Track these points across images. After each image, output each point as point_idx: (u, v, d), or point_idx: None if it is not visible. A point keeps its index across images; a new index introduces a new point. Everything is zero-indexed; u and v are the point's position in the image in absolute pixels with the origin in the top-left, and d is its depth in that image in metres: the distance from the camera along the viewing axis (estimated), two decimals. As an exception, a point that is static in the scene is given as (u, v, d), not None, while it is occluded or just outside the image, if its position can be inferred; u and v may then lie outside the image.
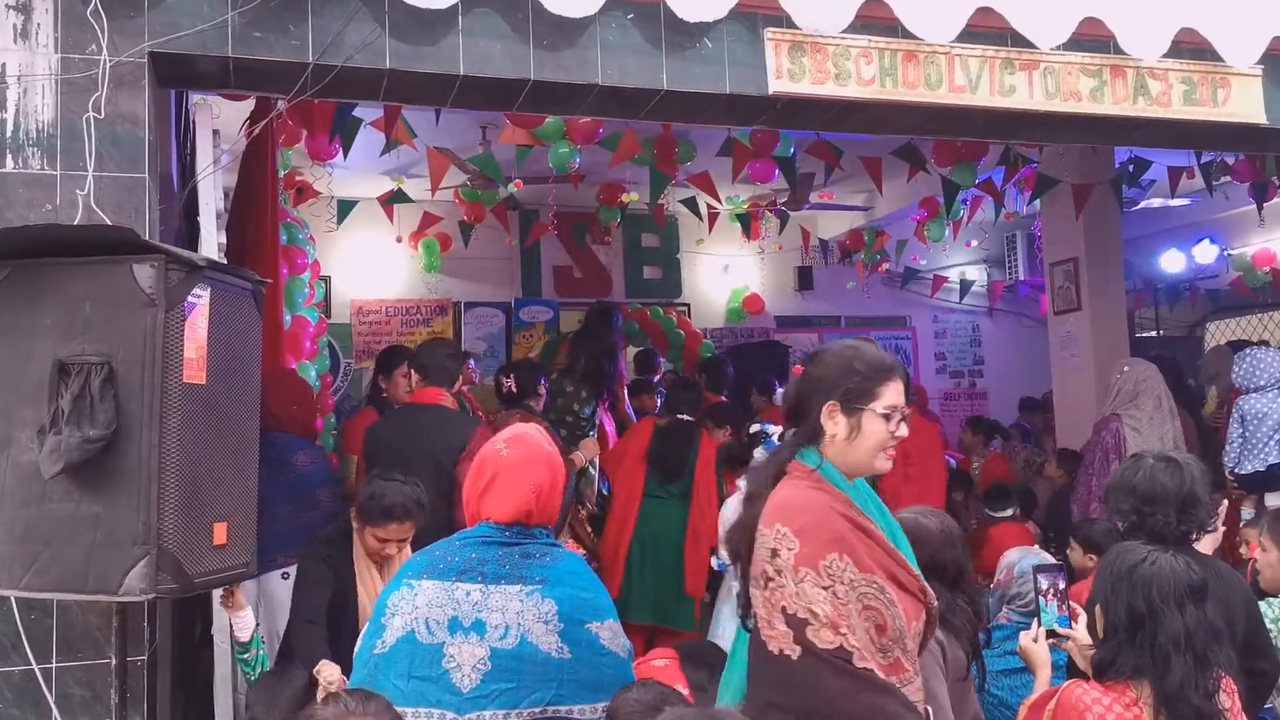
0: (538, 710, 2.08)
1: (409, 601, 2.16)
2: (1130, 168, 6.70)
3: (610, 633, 2.21)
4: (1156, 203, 8.21)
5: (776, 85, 3.36)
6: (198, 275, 2.35)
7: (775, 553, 1.93)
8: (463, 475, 3.58)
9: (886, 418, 2.01)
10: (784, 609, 1.90)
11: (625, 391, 6.93)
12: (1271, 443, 4.63)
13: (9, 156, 2.71)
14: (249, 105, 3.97)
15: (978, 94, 3.52)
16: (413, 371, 4.12)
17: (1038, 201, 7.13)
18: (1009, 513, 5.24)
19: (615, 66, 3.27)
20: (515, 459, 2.28)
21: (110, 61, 2.78)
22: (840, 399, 2.03)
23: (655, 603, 5.03)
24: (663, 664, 3.19)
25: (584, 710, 2.13)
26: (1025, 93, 3.57)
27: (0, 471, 2.30)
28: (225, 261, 3.12)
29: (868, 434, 2.02)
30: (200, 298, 2.36)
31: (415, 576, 2.20)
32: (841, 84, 3.39)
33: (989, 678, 2.80)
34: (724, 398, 6.64)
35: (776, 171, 6.33)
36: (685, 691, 2.36)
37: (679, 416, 5.36)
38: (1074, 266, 6.75)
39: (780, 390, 8.15)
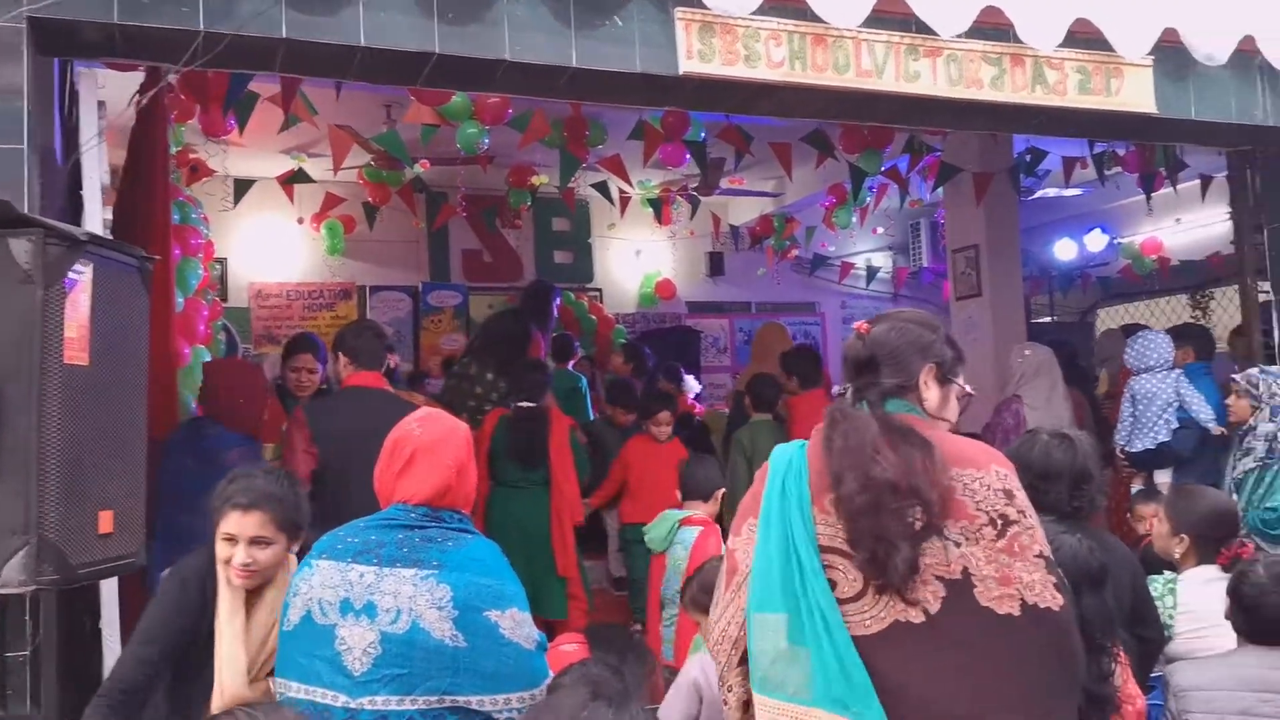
0: (434, 699, 1.99)
1: (306, 582, 2.11)
2: (1028, 157, 6.90)
3: (512, 622, 2.12)
4: (1051, 192, 8.49)
5: (687, 65, 3.34)
6: (79, 250, 2.23)
7: (1009, 493, 1.72)
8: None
9: (957, 399, 1.94)
10: (1040, 553, 1.68)
11: None
12: (1160, 421, 4.82)
13: None
14: (138, 77, 3.80)
15: (884, 79, 3.56)
16: (341, 355, 3.99)
17: (940, 189, 7.29)
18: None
19: (523, 43, 3.21)
20: (433, 436, 2.23)
21: (-16, 25, 2.61)
22: (938, 364, 1.90)
23: (531, 594, 4.96)
24: (571, 649, 3.17)
25: (483, 701, 2.05)
26: (929, 79, 3.63)
27: None
28: (110, 238, 2.96)
29: (948, 409, 1.92)
30: (82, 274, 2.24)
31: (315, 556, 2.14)
32: (751, 65, 3.39)
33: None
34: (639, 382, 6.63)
35: (687, 156, 6.34)
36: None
37: (523, 405, 5.09)
38: (975, 253, 6.92)
39: (689, 378, 8.21)
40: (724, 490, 4.08)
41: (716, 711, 2.73)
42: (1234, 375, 4.35)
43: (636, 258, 9.64)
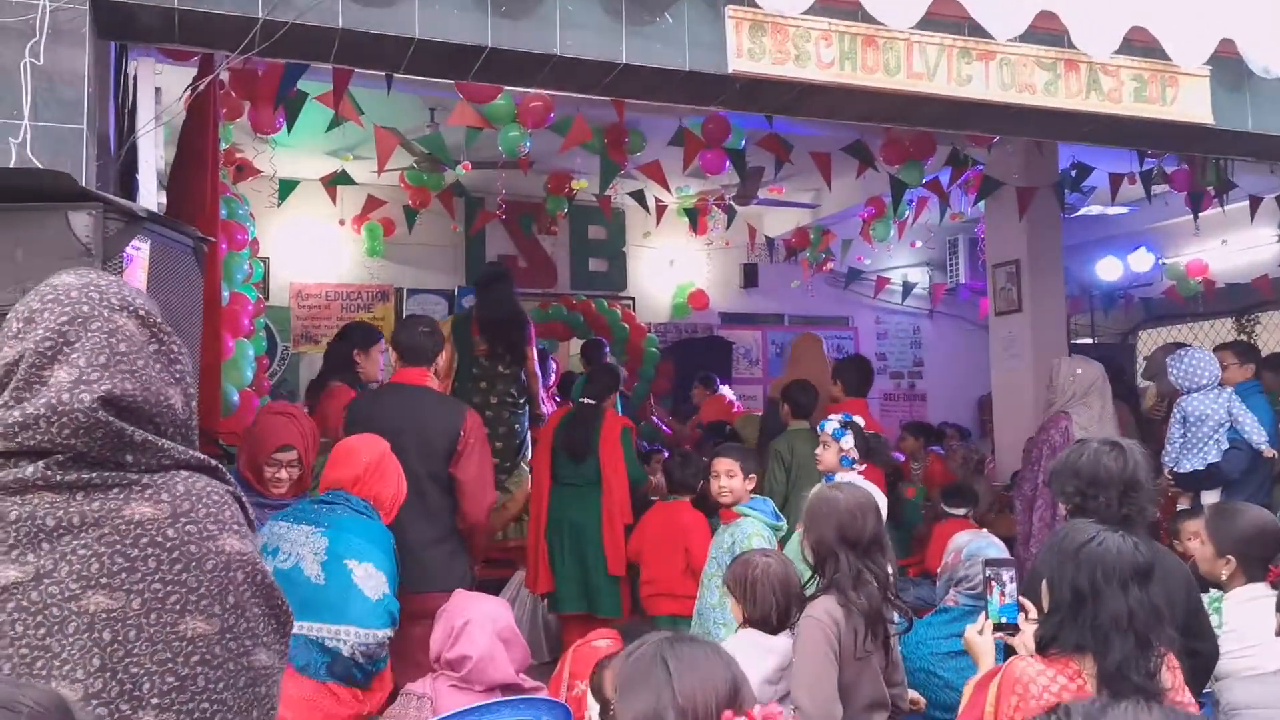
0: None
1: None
2: (1073, 173, 6.84)
3: (364, 573, 2.90)
4: (1095, 210, 8.40)
5: (736, 64, 3.34)
6: (137, 226, 2.24)
7: None
8: (460, 469, 3.65)
9: None
10: None
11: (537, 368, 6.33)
12: (1211, 441, 4.72)
13: (-64, 99, 2.57)
14: (187, 75, 3.85)
15: (935, 81, 3.53)
16: (392, 350, 4.04)
17: (982, 203, 7.23)
18: (962, 511, 5.30)
19: (574, 38, 3.22)
20: (358, 443, 3.31)
21: (50, 7, 2.65)
22: None
23: (583, 591, 4.97)
24: (605, 644, 3.16)
25: (323, 629, 2.86)
26: (981, 82, 3.60)
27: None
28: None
29: None
30: (139, 250, 2.26)
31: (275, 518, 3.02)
32: (801, 65, 3.38)
33: (935, 659, 2.80)
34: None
35: (727, 163, 6.32)
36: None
37: (585, 401, 5.19)
38: (1016, 268, 6.85)
39: (723, 386, 8.19)
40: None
41: None
42: None
43: (670, 267, 9.63)
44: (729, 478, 3.89)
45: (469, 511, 3.84)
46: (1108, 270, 9.61)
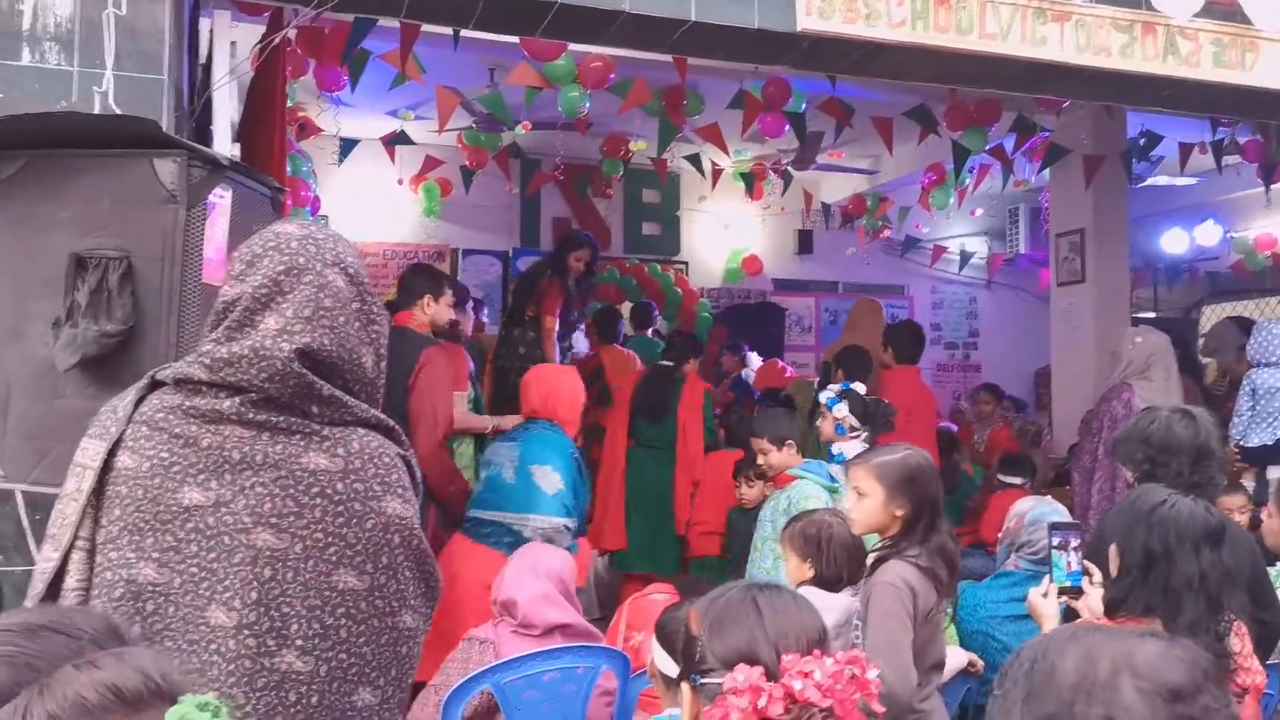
0: (497, 514, 3.85)
1: None
2: (1142, 141, 6.68)
3: (543, 474, 3.85)
4: (1163, 180, 8.20)
5: (805, 22, 3.31)
6: (220, 175, 2.29)
7: None
8: (413, 402, 3.74)
9: None
10: None
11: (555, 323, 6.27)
12: (1280, 416, 4.65)
13: (26, 49, 2.63)
14: (259, 30, 3.89)
15: (1008, 42, 3.47)
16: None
17: (1046, 171, 7.10)
18: (1020, 481, 5.26)
19: (643, -6, 3.21)
20: (533, 377, 4.14)
21: (130, -42, 2.70)
22: None
23: (651, 550, 5.05)
24: (662, 597, 3.20)
25: (512, 517, 3.82)
26: (1056, 44, 3.53)
27: (12, 364, 2.25)
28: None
29: None
30: (222, 198, 2.31)
31: None
32: (872, 24, 3.34)
33: (994, 623, 2.80)
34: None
35: (786, 127, 6.26)
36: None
37: (663, 364, 5.34)
38: (1080, 238, 6.73)
39: (750, 354, 8.12)
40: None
41: None
42: None
43: (724, 232, 9.58)
44: (764, 455, 4.00)
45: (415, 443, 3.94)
46: (1173, 242, 9.39)
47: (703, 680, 1.41)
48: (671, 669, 2.09)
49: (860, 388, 4.04)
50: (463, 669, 2.70)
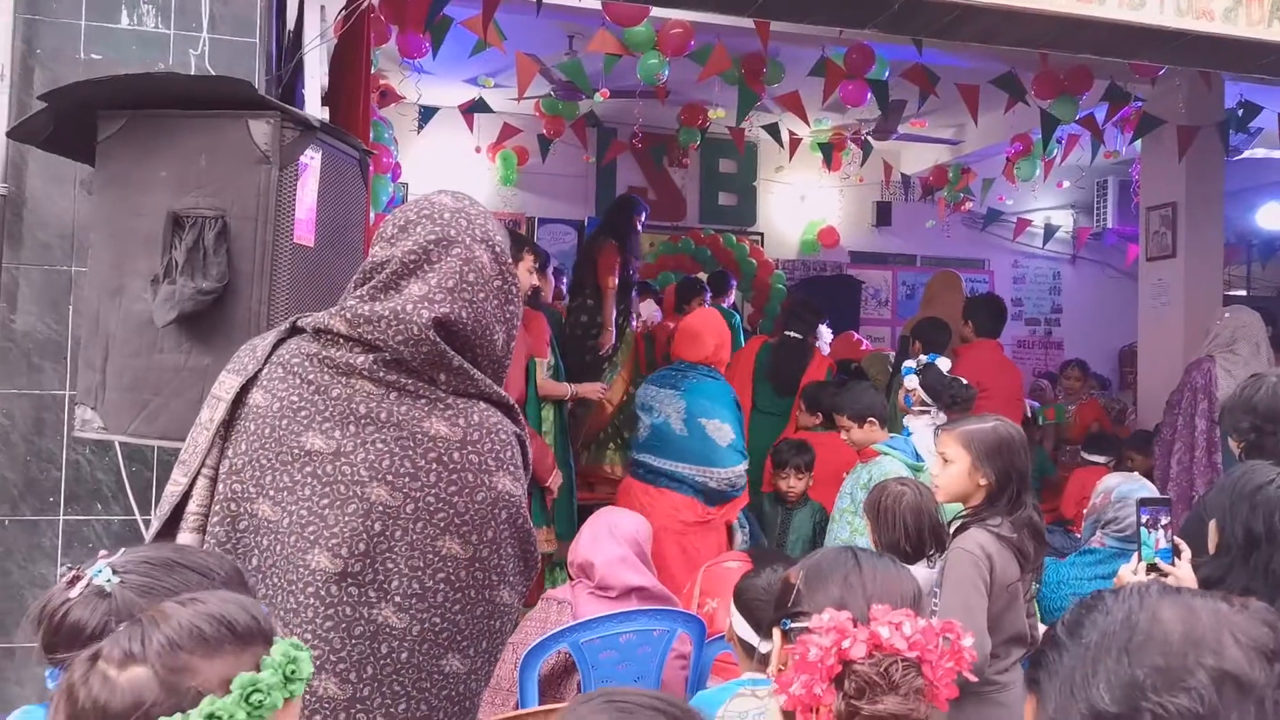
0: (670, 463, 4.16)
1: None
2: (1240, 111, 6.41)
3: (714, 427, 4.14)
4: (1260, 153, 7.87)
5: (895, -16, 3.23)
6: (311, 136, 2.33)
7: None
8: None
9: None
10: None
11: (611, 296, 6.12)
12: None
13: (124, 12, 2.70)
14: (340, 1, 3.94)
15: (1105, 5, 3.35)
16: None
17: (1138, 143, 6.86)
18: (1103, 460, 5.15)
19: (729, -43, 3.17)
20: (699, 324, 4.45)
21: (224, -77, 2.75)
22: None
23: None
24: (736, 565, 3.20)
25: (694, 469, 4.12)
26: (1155, 7, 3.40)
27: (112, 320, 2.33)
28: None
29: None
30: (313, 159, 2.35)
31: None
32: (964, -14, 3.25)
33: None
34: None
35: (869, 95, 6.14)
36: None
37: (790, 334, 5.35)
38: (1172, 212, 6.50)
39: (821, 327, 7.98)
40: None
41: None
42: None
43: (801, 203, 9.47)
44: (846, 432, 4.02)
45: None
46: (1269, 218, 9.02)
47: (793, 624, 1.42)
48: (751, 635, 2.10)
49: (945, 362, 3.98)
50: (541, 628, 2.74)
